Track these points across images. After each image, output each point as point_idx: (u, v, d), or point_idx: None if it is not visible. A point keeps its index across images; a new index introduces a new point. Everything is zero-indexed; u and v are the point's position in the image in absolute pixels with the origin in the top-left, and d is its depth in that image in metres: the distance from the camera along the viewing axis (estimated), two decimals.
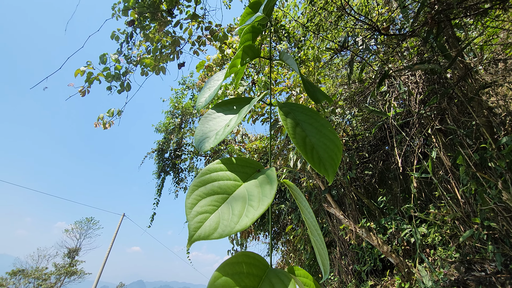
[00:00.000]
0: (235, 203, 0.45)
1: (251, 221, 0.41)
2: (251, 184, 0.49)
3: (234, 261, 0.41)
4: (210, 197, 0.46)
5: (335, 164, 0.52)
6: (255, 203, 0.44)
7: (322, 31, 4.28)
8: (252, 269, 0.41)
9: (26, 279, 14.97)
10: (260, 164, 0.55)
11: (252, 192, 0.47)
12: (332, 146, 0.54)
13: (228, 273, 0.39)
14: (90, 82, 3.20)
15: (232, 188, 0.48)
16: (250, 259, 0.42)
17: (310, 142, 0.54)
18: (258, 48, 0.74)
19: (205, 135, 0.61)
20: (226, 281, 0.37)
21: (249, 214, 0.43)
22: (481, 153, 3.22)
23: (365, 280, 5.27)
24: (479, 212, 3.21)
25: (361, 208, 6.15)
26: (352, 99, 5.30)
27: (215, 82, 0.79)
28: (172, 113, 10.43)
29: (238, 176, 0.51)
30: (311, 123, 0.58)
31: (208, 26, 3.07)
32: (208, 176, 0.50)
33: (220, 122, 0.63)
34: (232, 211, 0.44)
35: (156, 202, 9.82)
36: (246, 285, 0.38)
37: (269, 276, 0.41)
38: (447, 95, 3.82)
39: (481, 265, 3.22)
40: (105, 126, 3.32)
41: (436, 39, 3.33)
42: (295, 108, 0.62)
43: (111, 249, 15.22)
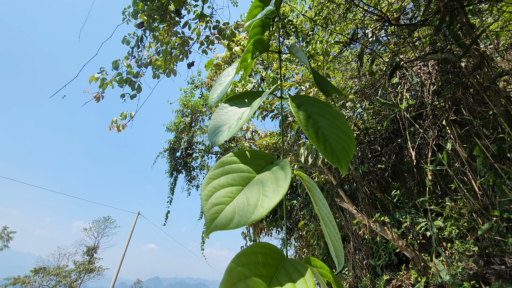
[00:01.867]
0: (249, 194, 0.45)
1: (267, 211, 0.42)
2: (265, 175, 0.49)
3: (250, 252, 0.41)
4: (224, 189, 0.47)
5: (348, 156, 0.52)
6: (270, 193, 0.44)
7: (331, 24, 4.22)
8: (268, 259, 0.41)
9: (48, 276, 15.57)
10: (273, 157, 0.55)
11: (267, 183, 0.47)
12: (345, 138, 0.54)
13: (243, 263, 0.39)
14: (103, 88, 3.28)
15: (246, 179, 0.49)
16: (265, 249, 0.43)
17: (322, 134, 0.54)
18: (268, 41, 0.74)
19: (218, 128, 0.62)
20: (241, 272, 0.37)
21: (264, 204, 0.43)
22: (499, 144, 3.12)
23: (380, 275, 5.22)
24: (497, 204, 3.12)
25: (374, 202, 6.08)
26: (363, 92, 5.22)
27: (226, 78, 0.79)
28: (182, 112, 10.54)
29: (252, 168, 0.51)
30: (323, 115, 0.58)
31: (216, 25, 3.08)
32: (222, 169, 0.50)
33: (233, 116, 0.64)
34: (247, 201, 0.44)
35: (169, 200, 9.99)
36: (262, 274, 0.39)
37: (285, 266, 0.42)
38: (462, 84, 3.71)
39: (500, 258, 3.14)
40: (118, 129, 3.40)
41: (449, 27, 3.23)
42: (307, 101, 0.62)
43: (127, 247, 15.61)
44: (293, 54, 0.77)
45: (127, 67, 3.16)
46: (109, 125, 3.40)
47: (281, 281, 0.39)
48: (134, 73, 3.29)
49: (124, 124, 3.43)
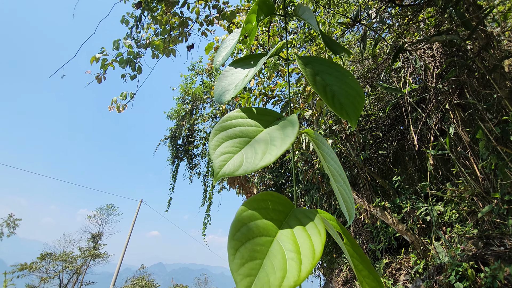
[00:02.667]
0: (257, 144, 0.45)
1: (275, 158, 0.42)
2: (273, 128, 0.49)
3: (260, 198, 0.41)
4: (232, 140, 0.47)
5: (357, 110, 0.51)
6: (278, 142, 0.44)
7: (333, 5, 4.11)
8: (278, 206, 0.42)
9: (54, 262, 15.93)
10: (280, 114, 0.55)
11: (274, 134, 0.47)
12: (354, 93, 0.53)
13: (254, 207, 0.39)
14: (105, 68, 3.24)
15: (254, 132, 0.49)
16: (274, 197, 0.43)
17: (331, 90, 0.53)
18: (273, 4, 0.72)
19: (224, 88, 0.62)
20: (252, 214, 0.38)
21: (272, 152, 0.43)
22: (502, 126, 3.09)
23: (380, 259, 5.30)
24: (499, 187, 3.12)
25: (375, 188, 6.11)
26: (365, 76, 5.14)
27: (230, 42, 0.78)
28: (183, 100, 10.48)
29: (259, 123, 0.51)
30: (330, 73, 0.57)
31: (215, 5, 3.01)
32: (229, 122, 0.50)
33: (239, 76, 0.64)
34: (255, 150, 0.44)
35: (171, 187, 10.07)
36: (272, 218, 0.39)
37: (295, 213, 0.42)
38: (467, 67, 3.65)
39: (500, 240, 3.16)
40: (119, 110, 3.39)
41: (455, 8, 3.14)
42: (314, 60, 0.61)
43: (131, 234, 15.89)
44: (299, 16, 0.75)
45: (128, 47, 3.11)
46: (109, 105, 3.39)
47: (291, 225, 0.39)
48: (134, 54, 3.24)
49: (125, 105, 3.41)
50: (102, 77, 3.17)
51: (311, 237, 0.37)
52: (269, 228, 0.37)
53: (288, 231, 0.37)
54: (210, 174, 9.69)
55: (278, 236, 0.37)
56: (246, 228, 0.36)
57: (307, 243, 0.36)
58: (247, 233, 0.35)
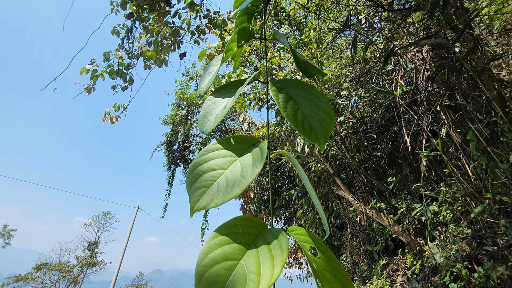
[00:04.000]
0: (229, 176, 0.50)
1: (242, 189, 0.46)
2: (245, 157, 0.54)
3: (231, 224, 0.45)
4: (206, 174, 0.52)
5: (327, 132, 0.55)
6: (247, 174, 0.49)
7: (323, 11, 4.17)
8: (248, 229, 0.45)
9: (50, 272, 15.71)
10: (257, 139, 0.59)
11: (245, 164, 0.52)
12: (325, 116, 0.57)
13: (223, 233, 0.43)
14: (94, 79, 3.25)
15: (228, 163, 0.54)
16: (247, 221, 0.47)
17: (302, 114, 0.57)
18: (252, 29, 0.75)
19: (206, 118, 0.66)
20: (220, 240, 0.41)
21: (241, 184, 0.48)
22: (491, 128, 3.15)
23: (377, 260, 5.33)
24: (490, 187, 3.17)
25: (370, 189, 6.15)
26: (358, 80, 5.20)
27: (213, 68, 0.83)
28: (178, 105, 10.48)
29: (234, 152, 0.56)
30: (305, 97, 0.60)
31: (206, 14, 3.03)
32: (205, 157, 0.56)
33: (220, 105, 0.68)
34: (227, 183, 0.49)
35: (168, 193, 10.03)
36: (240, 242, 0.42)
37: (265, 234, 0.46)
38: (456, 69, 3.71)
39: (493, 239, 3.21)
40: (112, 121, 3.39)
41: (443, 12, 3.21)
42: (290, 83, 0.64)
43: (128, 241, 15.74)
44: (277, 39, 0.80)
45: (119, 58, 3.12)
46: (102, 117, 3.40)
47: (258, 246, 0.42)
48: (125, 65, 3.26)
49: (118, 116, 3.42)
50: (92, 88, 3.17)
51: (273, 257, 0.40)
52: (236, 252, 0.41)
53: (254, 253, 0.41)
54: None
55: (244, 259, 0.40)
56: (213, 254, 0.40)
57: (268, 263, 0.39)
58: (214, 258, 0.39)
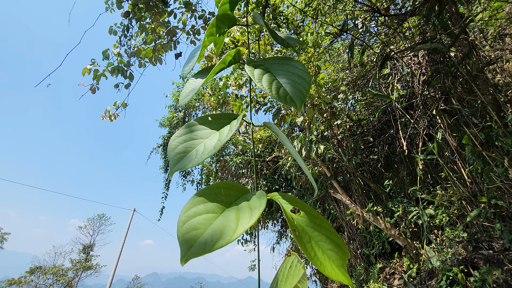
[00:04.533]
0: (208, 142, 0.54)
1: (216, 150, 0.51)
2: (224, 128, 0.58)
3: (214, 187, 0.47)
4: (188, 141, 0.55)
5: (302, 95, 0.56)
6: (223, 137, 0.55)
7: (321, 15, 4.20)
8: (230, 191, 0.47)
9: (44, 275, 15.49)
10: (236, 115, 0.64)
11: (223, 132, 0.57)
12: (299, 80, 0.59)
13: (205, 193, 0.45)
14: (97, 79, 3.25)
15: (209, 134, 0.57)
16: (229, 186, 0.49)
17: (277, 83, 0.59)
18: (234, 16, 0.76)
19: (187, 94, 0.70)
20: (203, 199, 0.43)
21: (217, 146, 0.52)
22: (487, 132, 3.18)
23: (374, 263, 5.33)
24: (486, 191, 3.19)
25: (367, 192, 6.16)
26: (355, 83, 5.23)
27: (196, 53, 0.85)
28: (175, 107, 10.45)
29: (216, 127, 0.60)
30: (281, 68, 0.63)
31: (201, 15, 3.04)
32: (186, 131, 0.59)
33: (198, 83, 0.71)
34: (205, 147, 0.52)
35: (164, 196, 9.98)
36: (222, 200, 0.44)
37: (246, 196, 0.47)
38: (451, 74, 3.75)
39: (488, 243, 3.22)
40: (111, 119, 3.40)
41: (438, 17, 3.24)
42: (269, 61, 0.67)
43: (124, 244, 15.60)
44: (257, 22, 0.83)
45: (117, 55, 3.12)
46: (102, 114, 3.41)
47: (238, 203, 0.44)
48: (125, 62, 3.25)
49: (116, 114, 3.43)
50: (96, 88, 3.16)
51: (251, 209, 0.42)
52: (217, 208, 0.43)
53: (234, 208, 0.43)
54: (203, 182, 9.64)
55: (224, 213, 0.42)
56: (195, 208, 0.42)
57: (247, 213, 0.41)
58: (196, 211, 0.41)
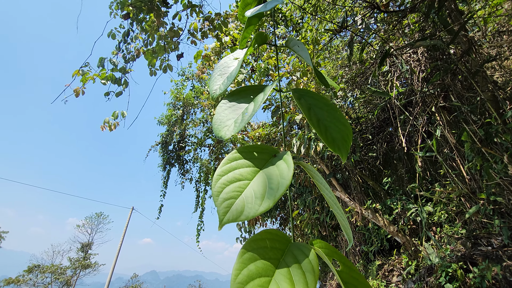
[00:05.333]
0: (257, 187, 0.49)
1: (273, 202, 0.45)
2: (270, 169, 0.53)
3: (258, 238, 0.45)
4: (233, 184, 0.51)
5: (347, 144, 0.55)
6: (275, 185, 0.48)
7: (320, 12, 4.18)
8: (275, 243, 0.45)
9: (42, 274, 15.45)
10: (276, 149, 0.58)
11: (271, 176, 0.51)
12: (343, 128, 0.57)
13: (253, 248, 0.43)
14: (84, 82, 3.21)
15: (253, 174, 0.52)
16: (272, 235, 0.47)
17: (323, 124, 0.57)
18: (267, 35, 0.74)
19: (223, 123, 0.63)
20: (251, 256, 0.42)
21: (270, 197, 0.47)
22: (486, 129, 3.18)
23: (373, 260, 5.34)
24: (484, 188, 3.20)
25: (366, 190, 6.17)
26: (354, 81, 5.22)
27: (226, 69, 0.75)
28: (174, 105, 10.41)
29: (257, 163, 0.55)
30: (321, 107, 0.61)
31: (208, 16, 3.01)
32: (229, 166, 0.54)
33: (237, 110, 0.65)
34: (254, 194, 0.48)
35: (163, 194, 9.95)
36: (270, 257, 0.42)
37: (291, 249, 0.45)
38: (451, 71, 3.74)
39: (487, 239, 3.23)
40: (111, 128, 3.39)
41: (437, 14, 3.23)
42: (305, 93, 0.65)
43: (122, 242, 15.58)
44: (291, 48, 0.76)
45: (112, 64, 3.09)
46: (101, 125, 3.40)
47: (287, 262, 0.42)
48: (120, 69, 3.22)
49: (116, 123, 3.42)
50: (81, 91, 3.13)
51: (305, 275, 0.40)
52: (267, 268, 0.41)
53: (285, 270, 0.41)
54: (202, 180, 9.62)
55: (276, 276, 0.40)
56: (246, 270, 0.40)
57: (302, 281, 0.39)
58: (248, 274, 0.39)
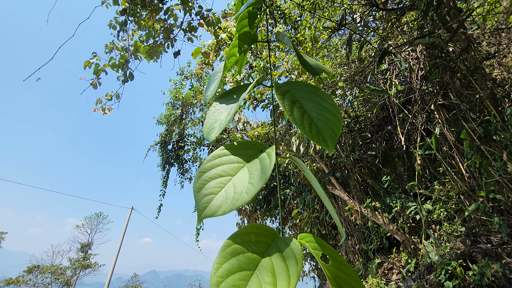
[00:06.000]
0: (238, 182, 0.50)
1: (250, 197, 0.46)
2: (253, 164, 0.53)
3: (243, 232, 0.44)
4: (214, 180, 0.51)
5: (335, 135, 0.53)
6: (255, 180, 0.48)
7: (319, 10, 4.16)
8: (261, 237, 0.44)
9: (42, 274, 15.44)
10: (264, 144, 0.58)
11: (253, 170, 0.51)
12: (332, 118, 0.55)
13: (236, 242, 0.42)
14: (97, 74, 3.18)
15: (236, 170, 0.53)
16: (259, 229, 0.46)
17: (308, 117, 0.55)
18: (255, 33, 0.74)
19: (211, 126, 0.66)
20: (234, 249, 0.41)
21: (249, 191, 0.47)
22: (485, 126, 3.18)
23: (372, 259, 5.35)
24: (484, 185, 3.20)
25: (365, 188, 6.17)
26: (352, 79, 5.21)
27: (217, 75, 0.82)
28: (173, 105, 10.39)
29: (242, 158, 0.55)
30: (310, 98, 0.59)
31: (198, 11, 2.99)
32: (212, 162, 0.55)
33: (223, 112, 0.68)
34: (234, 190, 0.48)
35: (162, 193, 9.94)
36: (254, 251, 0.42)
37: (277, 243, 0.45)
38: (450, 68, 3.74)
39: (487, 237, 3.24)
40: (104, 112, 3.32)
41: (436, 11, 3.22)
42: (294, 86, 0.63)
43: (122, 242, 15.57)
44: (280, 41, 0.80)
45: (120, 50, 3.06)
46: (94, 106, 3.31)
47: (271, 255, 0.42)
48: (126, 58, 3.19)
49: (110, 107, 3.35)
50: (97, 83, 3.11)
51: (288, 267, 0.39)
52: (250, 261, 0.40)
53: (268, 263, 0.40)
54: None
55: (258, 269, 0.39)
56: (227, 264, 0.39)
57: (284, 273, 0.38)
58: (229, 268, 0.38)
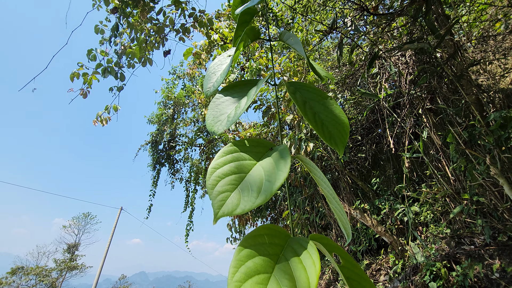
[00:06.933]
0: (253, 180, 0.47)
1: (270, 195, 0.43)
2: (266, 161, 0.51)
3: (256, 234, 0.43)
4: (228, 177, 0.49)
5: (344, 139, 0.54)
6: (272, 178, 0.46)
7: (310, 13, 4.21)
8: (274, 239, 0.43)
9: (26, 276, 15.04)
10: (272, 143, 0.56)
11: (268, 168, 0.49)
12: (340, 122, 0.56)
13: (250, 244, 0.41)
14: (89, 83, 3.14)
15: (248, 167, 0.50)
16: (270, 231, 0.45)
17: (320, 118, 0.56)
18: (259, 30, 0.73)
19: (217, 118, 0.62)
20: (249, 252, 0.40)
21: (268, 189, 0.45)
22: (470, 131, 3.26)
23: (361, 260, 5.41)
24: (468, 188, 3.28)
25: (355, 190, 6.24)
26: (343, 82, 5.28)
27: (220, 67, 0.77)
28: (165, 104, 10.30)
29: (252, 156, 0.53)
30: (318, 101, 0.59)
31: (191, 13, 2.99)
32: (224, 158, 0.52)
33: (230, 105, 0.64)
34: (251, 187, 0.46)
35: (152, 194, 9.83)
36: (269, 253, 0.40)
37: (291, 244, 0.44)
38: (437, 74, 3.83)
39: (470, 239, 3.32)
40: (103, 123, 3.33)
41: (425, 17, 3.30)
42: (301, 87, 0.63)
43: (110, 243, 15.31)
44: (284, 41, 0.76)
45: (104, 54, 3.03)
46: (94, 119, 3.33)
47: (287, 257, 0.41)
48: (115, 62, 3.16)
49: (108, 117, 3.35)
50: (87, 92, 3.08)
51: (306, 269, 0.38)
52: (266, 264, 0.39)
53: (285, 265, 0.39)
54: (192, 180, 9.55)
55: (275, 272, 0.38)
56: (244, 268, 0.37)
57: (303, 276, 0.37)
58: (246, 272, 0.37)
